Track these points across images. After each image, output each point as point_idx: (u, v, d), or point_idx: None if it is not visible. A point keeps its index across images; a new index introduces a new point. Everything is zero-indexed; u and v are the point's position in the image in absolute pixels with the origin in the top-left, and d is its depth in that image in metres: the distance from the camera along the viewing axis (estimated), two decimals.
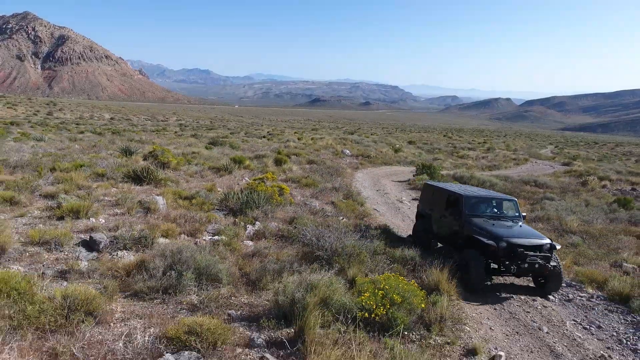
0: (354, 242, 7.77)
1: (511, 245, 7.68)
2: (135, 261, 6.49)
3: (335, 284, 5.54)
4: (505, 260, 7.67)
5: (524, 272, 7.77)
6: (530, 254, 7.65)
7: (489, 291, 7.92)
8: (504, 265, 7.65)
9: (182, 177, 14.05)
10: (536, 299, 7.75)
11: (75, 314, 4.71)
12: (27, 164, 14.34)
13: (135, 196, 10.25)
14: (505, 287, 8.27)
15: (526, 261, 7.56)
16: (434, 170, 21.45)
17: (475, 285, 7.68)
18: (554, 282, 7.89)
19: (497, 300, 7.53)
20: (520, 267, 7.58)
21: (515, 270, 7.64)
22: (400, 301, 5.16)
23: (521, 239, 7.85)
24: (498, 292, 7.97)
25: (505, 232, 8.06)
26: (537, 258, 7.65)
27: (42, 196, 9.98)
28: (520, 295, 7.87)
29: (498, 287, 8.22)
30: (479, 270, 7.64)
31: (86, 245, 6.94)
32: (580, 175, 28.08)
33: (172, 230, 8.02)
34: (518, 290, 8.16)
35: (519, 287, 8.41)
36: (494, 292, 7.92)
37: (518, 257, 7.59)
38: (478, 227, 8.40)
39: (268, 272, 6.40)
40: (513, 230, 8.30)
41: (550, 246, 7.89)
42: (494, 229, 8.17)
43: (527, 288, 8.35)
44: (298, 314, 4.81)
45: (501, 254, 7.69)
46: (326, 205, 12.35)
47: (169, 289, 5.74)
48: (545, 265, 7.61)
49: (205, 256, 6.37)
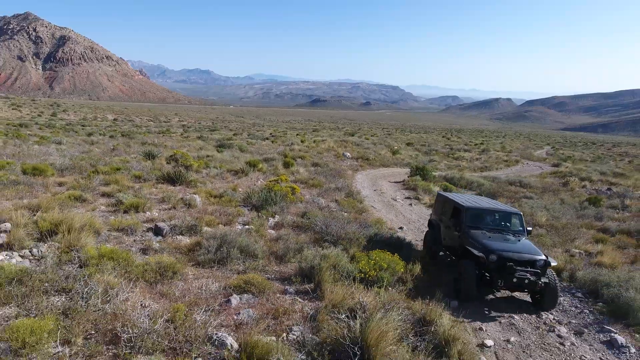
0: (355, 229, 10.07)
1: (501, 258, 7.71)
2: (191, 242, 8.78)
3: (340, 256, 7.84)
4: (495, 273, 7.72)
5: (513, 287, 7.78)
6: (519, 269, 7.63)
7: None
8: (493, 278, 7.71)
9: (206, 179, 16.35)
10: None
11: (166, 273, 7.00)
12: (70, 167, 16.60)
13: (175, 195, 12.55)
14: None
15: (515, 276, 7.55)
16: (427, 172, 23.71)
17: (467, 296, 7.79)
18: (548, 298, 7.79)
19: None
20: (509, 281, 7.60)
21: (502, 284, 7.68)
22: (386, 267, 7.46)
23: (512, 253, 7.85)
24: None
25: (497, 246, 8.08)
26: (527, 274, 7.59)
27: (100, 195, 12.27)
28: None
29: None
30: (470, 282, 7.70)
31: (153, 231, 9.25)
32: (564, 176, 30.37)
33: (213, 221, 10.32)
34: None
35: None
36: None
37: (507, 271, 7.61)
38: (474, 239, 8.44)
39: (290, 250, 8.68)
40: (507, 244, 8.27)
41: (544, 263, 7.82)
42: (487, 242, 8.22)
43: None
44: (316, 273, 7.10)
45: (491, 266, 7.75)
46: (331, 203, 14.63)
47: (222, 260, 8.01)
48: (536, 282, 7.55)
49: (244, 239, 8.66)
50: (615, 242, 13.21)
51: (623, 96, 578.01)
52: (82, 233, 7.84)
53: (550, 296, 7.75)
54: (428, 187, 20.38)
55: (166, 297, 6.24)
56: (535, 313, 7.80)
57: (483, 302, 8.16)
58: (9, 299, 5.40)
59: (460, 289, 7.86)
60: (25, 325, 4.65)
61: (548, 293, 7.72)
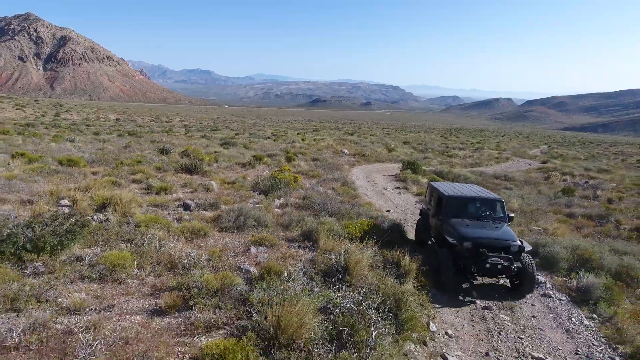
0: (347, 207, 12.19)
1: (475, 246, 7.88)
2: (214, 215, 10.90)
3: (334, 223, 9.97)
4: (469, 260, 7.89)
5: (487, 273, 7.90)
6: (492, 255, 7.76)
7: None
8: (467, 265, 7.91)
9: (218, 170, 18.47)
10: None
11: (199, 233, 9.12)
12: (97, 160, 18.72)
13: (194, 181, 14.67)
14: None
15: (488, 262, 7.69)
16: (417, 167, 25.80)
17: (445, 283, 8.01)
18: (525, 283, 7.97)
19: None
20: (482, 267, 7.75)
21: (476, 270, 7.85)
22: (368, 229, 9.58)
23: (485, 240, 8.00)
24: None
25: (472, 233, 8.20)
26: (500, 259, 7.72)
27: (131, 181, 14.40)
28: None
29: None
30: (448, 269, 7.90)
31: (182, 207, 11.37)
32: (548, 171, 32.48)
33: (229, 200, 12.45)
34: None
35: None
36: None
37: (480, 257, 7.76)
38: (452, 227, 8.60)
39: (293, 221, 10.79)
40: (482, 232, 8.39)
41: (519, 248, 7.97)
42: (463, 230, 8.35)
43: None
44: (314, 234, 9.21)
45: (466, 253, 7.91)
46: (328, 190, 16.75)
47: (239, 227, 10.11)
48: (509, 267, 7.70)
49: (256, 212, 10.79)
50: (574, 223, 15.31)
51: (623, 96, 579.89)
52: (130, 205, 9.98)
53: (527, 280, 7.91)
54: (417, 179, 22.48)
55: (202, 247, 8.36)
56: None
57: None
58: (95, 242, 7.54)
59: (440, 277, 8.03)
60: (113, 255, 6.78)
61: (524, 278, 7.89)
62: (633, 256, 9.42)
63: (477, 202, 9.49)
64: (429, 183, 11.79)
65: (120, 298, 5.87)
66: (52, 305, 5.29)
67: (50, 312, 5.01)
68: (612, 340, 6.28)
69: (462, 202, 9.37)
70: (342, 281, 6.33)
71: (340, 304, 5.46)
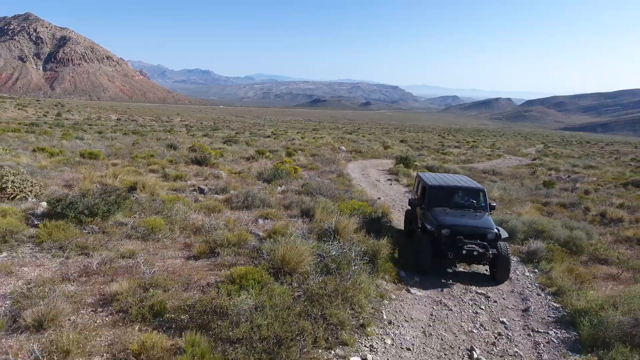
0: (340, 192, 13.92)
1: (453, 232, 8.09)
2: (225, 198, 12.62)
3: (328, 202, 11.71)
4: (446, 246, 8.11)
5: (463, 259, 8.15)
6: (468, 242, 7.97)
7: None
8: (444, 251, 8.10)
9: (225, 163, 20.20)
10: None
11: (214, 209, 10.85)
12: (112, 154, 20.45)
13: (205, 171, 16.41)
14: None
15: (464, 248, 7.91)
16: (409, 161, 27.54)
17: (422, 268, 8.24)
18: (500, 270, 8.11)
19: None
20: (458, 253, 7.98)
21: (452, 256, 8.06)
22: (357, 207, 11.33)
23: (462, 227, 8.23)
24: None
25: (450, 221, 8.44)
26: (476, 246, 7.93)
27: (149, 171, 16.12)
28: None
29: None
30: (425, 255, 8.14)
31: (198, 191, 13.11)
32: (535, 167, 34.23)
33: (237, 186, 14.18)
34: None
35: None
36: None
37: (456, 244, 7.97)
38: (432, 215, 8.81)
39: (294, 202, 12.52)
40: (462, 219, 8.61)
41: (495, 236, 8.17)
42: (442, 218, 8.57)
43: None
44: (311, 211, 10.94)
45: (444, 240, 8.14)
46: (325, 180, 18.48)
47: (248, 206, 11.83)
48: (484, 254, 7.89)
49: (262, 195, 12.52)
50: (547, 210, 17.02)
51: (623, 96, 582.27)
52: (154, 187, 11.71)
53: (502, 268, 8.07)
54: (408, 172, 24.22)
55: (218, 219, 10.10)
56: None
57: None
58: (133, 213, 9.28)
59: (418, 262, 8.27)
60: (150, 220, 8.53)
61: (499, 265, 8.05)
62: (581, 230, 11.14)
63: (459, 192, 9.77)
64: (417, 174, 12.00)
65: (161, 250, 7.60)
66: (113, 250, 7.03)
67: (114, 254, 6.75)
68: (543, 284, 7.98)
69: (444, 191, 9.62)
70: (333, 239, 8.05)
71: (330, 252, 7.18)
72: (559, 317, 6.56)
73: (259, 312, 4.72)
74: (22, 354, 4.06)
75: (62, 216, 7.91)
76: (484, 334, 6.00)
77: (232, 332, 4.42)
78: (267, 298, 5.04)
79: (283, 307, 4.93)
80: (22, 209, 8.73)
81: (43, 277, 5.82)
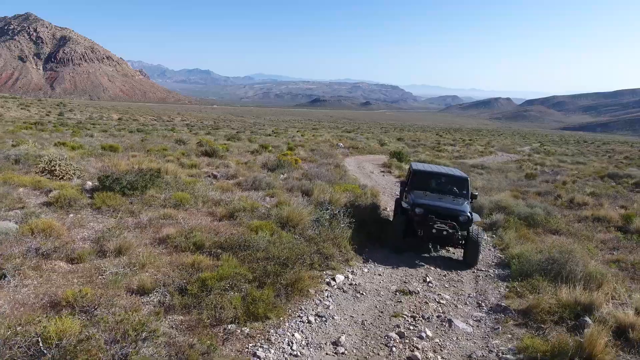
0: (336, 178, 15.90)
1: (426, 212, 8.32)
2: (235, 182, 14.60)
3: (325, 185, 13.70)
4: (417, 224, 8.40)
5: (432, 238, 8.39)
6: (439, 221, 8.15)
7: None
8: (415, 228, 8.39)
9: (232, 156, 22.18)
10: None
11: (228, 189, 12.82)
12: (128, 147, 22.41)
13: (216, 161, 18.38)
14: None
15: (434, 227, 8.14)
16: (403, 156, 29.51)
17: (394, 242, 8.63)
18: (469, 252, 8.22)
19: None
20: (428, 232, 8.22)
21: (422, 234, 8.33)
22: (350, 189, 13.31)
23: (435, 207, 8.44)
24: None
25: (424, 201, 8.69)
26: (446, 226, 8.12)
27: (166, 161, 18.07)
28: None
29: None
30: (398, 231, 8.47)
31: (212, 177, 15.09)
32: (523, 162, 36.20)
33: (245, 174, 16.16)
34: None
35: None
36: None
37: (427, 222, 8.21)
38: (411, 196, 9.11)
39: (295, 186, 14.49)
40: (437, 202, 8.84)
41: (468, 219, 8.32)
42: (419, 199, 8.84)
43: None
44: (310, 191, 12.91)
45: (416, 218, 8.39)
46: (323, 170, 20.46)
47: (255, 188, 13.79)
48: (453, 234, 8.13)
49: (267, 179, 14.50)
50: (522, 197, 18.92)
51: (622, 95, 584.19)
52: (176, 172, 13.69)
53: (472, 251, 8.14)
54: (400, 165, 26.19)
55: (232, 197, 12.07)
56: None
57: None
58: (161, 190, 11.26)
59: (389, 239, 8.64)
60: (178, 194, 10.51)
61: (469, 247, 8.15)
62: (540, 209, 13.11)
63: (442, 178, 10.08)
64: (410, 163, 12.43)
65: (190, 216, 9.57)
66: (155, 212, 9.02)
67: (157, 214, 8.74)
68: (496, 244, 9.95)
69: (427, 176, 10.03)
70: (327, 209, 10.03)
71: (325, 216, 9.16)
72: (500, 262, 8.52)
73: (272, 245, 6.70)
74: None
75: (109, 189, 9.88)
76: (438, 270, 7.97)
77: (254, 255, 6.39)
78: (277, 237, 7.02)
79: (289, 243, 6.91)
80: (73, 186, 10.70)
81: (109, 227, 7.80)
